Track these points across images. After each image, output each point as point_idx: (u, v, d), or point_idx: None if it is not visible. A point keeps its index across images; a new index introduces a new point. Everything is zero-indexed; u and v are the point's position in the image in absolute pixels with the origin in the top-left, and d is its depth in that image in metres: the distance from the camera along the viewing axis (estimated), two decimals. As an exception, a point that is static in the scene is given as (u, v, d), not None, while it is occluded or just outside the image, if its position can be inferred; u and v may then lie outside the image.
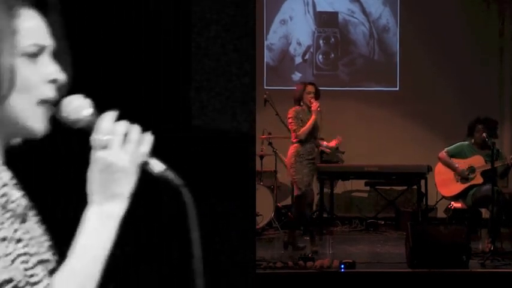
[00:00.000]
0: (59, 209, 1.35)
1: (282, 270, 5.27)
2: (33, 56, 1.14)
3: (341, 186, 8.43)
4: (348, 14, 8.98)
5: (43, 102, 1.15)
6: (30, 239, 1.11)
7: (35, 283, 1.08)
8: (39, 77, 1.14)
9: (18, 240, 1.08)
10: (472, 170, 6.21)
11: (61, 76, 1.17)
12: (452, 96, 8.74)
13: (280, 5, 8.98)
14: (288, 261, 5.42)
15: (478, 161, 6.22)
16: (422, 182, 7.98)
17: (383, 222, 8.14)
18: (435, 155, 6.48)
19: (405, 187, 8.34)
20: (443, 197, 6.73)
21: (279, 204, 7.94)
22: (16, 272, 1.06)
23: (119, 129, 1.14)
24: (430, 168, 7.64)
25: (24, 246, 1.09)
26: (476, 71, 8.76)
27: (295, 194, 6.35)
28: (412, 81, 8.84)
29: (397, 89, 8.96)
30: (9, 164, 1.17)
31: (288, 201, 8.28)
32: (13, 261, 1.06)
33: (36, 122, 1.15)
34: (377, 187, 8.46)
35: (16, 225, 1.08)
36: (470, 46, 8.76)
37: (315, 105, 6.03)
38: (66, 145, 1.27)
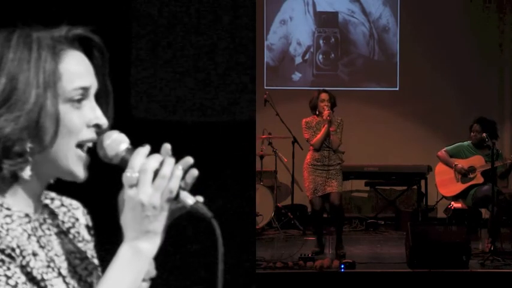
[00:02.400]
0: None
1: (282, 270, 5.27)
2: (78, 101, 1.14)
3: (341, 186, 8.45)
4: (348, 14, 8.98)
5: (82, 144, 1.16)
6: (32, 280, 1.10)
7: None
8: (82, 121, 1.15)
9: (14, 287, 1.06)
10: (472, 169, 6.21)
11: (103, 121, 1.17)
12: (452, 96, 8.73)
13: (280, 5, 8.98)
14: (288, 261, 5.42)
15: (478, 160, 6.22)
16: (422, 182, 8.00)
17: (383, 222, 8.14)
18: (435, 155, 6.48)
19: (405, 187, 8.34)
20: (444, 197, 6.73)
21: (279, 204, 7.94)
22: None
23: (149, 166, 1.11)
24: (430, 168, 7.65)
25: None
26: (476, 71, 8.76)
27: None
28: (412, 81, 8.83)
29: (397, 89, 8.95)
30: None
31: (288, 201, 8.29)
32: None
33: (76, 165, 1.15)
34: (377, 187, 8.46)
35: (9, 272, 1.07)
36: (470, 46, 8.76)
37: (325, 113, 6.00)
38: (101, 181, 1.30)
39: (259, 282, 5.10)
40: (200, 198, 1.13)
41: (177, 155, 1.16)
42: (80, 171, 1.16)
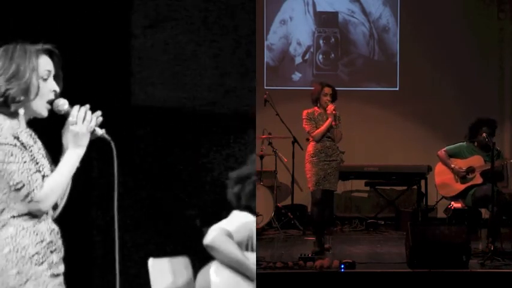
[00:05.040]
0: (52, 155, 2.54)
1: (282, 270, 5.27)
2: (45, 78, 2.46)
3: (341, 186, 8.42)
4: (348, 14, 8.98)
5: (48, 101, 2.47)
6: (31, 161, 2.38)
7: (34, 181, 2.34)
8: (47, 89, 2.46)
9: (24, 162, 2.34)
10: (471, 170, 6.20)
11: (57, 89, 2.49)
12: (452, 96, 8.74)
13: (280, 5, 8.99)
14: (288, 261, 5.42)
15: (477, 161, 6.21)
16: (422, 182, 7.99)
17: (383, 222, 8.14)
18: (435, 155, 6.47)
19: (405, 187, 8.33)
20: (443, 197, 6.72)
21: (279, 204, 7.94)
22: (23, 177, 2.33)
23: (81, 114, 2.45)
24: (430, 168, 7.64)
25: (28, 162, 2.35)
26: (476, 71, 8.77)
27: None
28: (412, 81, 8.84)
29: (397, 89, 8.96)
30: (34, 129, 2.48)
31: (288, 201, 8.29)
32: (22, 172, 2.33)
33: (44, 111, 2.47)
34: (377, 187, 8.45)
35: (25, 154, 2.36)
36: (470, 46, 8.76)
37: (330, 107, 6.04)
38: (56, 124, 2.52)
39: (259, 282, 5.10)
40: (104, 131, 2.46)
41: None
42: (45, 113, 2.47)
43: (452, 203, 6.98)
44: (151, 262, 3.08)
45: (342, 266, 5.24)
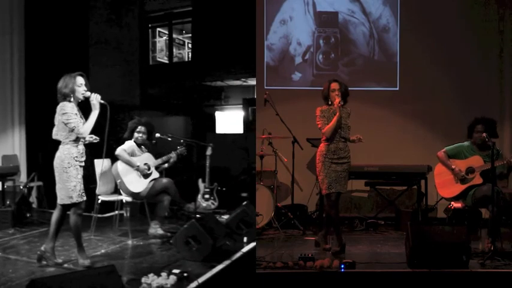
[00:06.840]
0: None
1: (282, 270, 5.27)
2: (79, 86, 5.35)
3: (341, 186, 8.43)
4: (348, 14, 8.98)
5: (82, 94, 5.37)
6: (79, 118, 5.37)
7: (79, 126, 5.33)
8: (82, 89, 5.35)
9: (75, 119, 5.35)
10: (471, 170, 6.20)
11: (86, 89, 5.39)
12: (452, 96, 8.74)
13: (280, 5, 8.98)
14: (288, 261, 5.42)
15: (477, 161, 6.21)
16: (422, 182, 7.98)
17: (383, 222, 8.14)
18: (435, 155, 6.47)
19: (405, 187, 8.33)
20: (443, 198, 6.72)
21: (279, 204, 7.94)
22: (75, 125, 5.35)
23: (93, 96, 5.32)
24: (430, 168, 7.64)
25: (77, 119, 5.34)
26: (476, 71, 8.77)
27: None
28: (412, 81, 8.84)
29: (397, 89, 8.96)
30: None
31: (288, 201, 8.29)
32: (74, 122, 5.33)
33: (81, 98, 5.36)
34: (377, 187, 8.45)
35: (76, 116, 5.34)
36: (470, 46, 8.76)
37: (336, 101, 6.03)
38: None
39: (259, 282, 5.10)
40: (103, 101, 5.35)
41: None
42: (82, 99, 5.41)
43: (452, 203, 6.97)
44: (96, 162, 6.81)
45: (342, 266, 5.24)
